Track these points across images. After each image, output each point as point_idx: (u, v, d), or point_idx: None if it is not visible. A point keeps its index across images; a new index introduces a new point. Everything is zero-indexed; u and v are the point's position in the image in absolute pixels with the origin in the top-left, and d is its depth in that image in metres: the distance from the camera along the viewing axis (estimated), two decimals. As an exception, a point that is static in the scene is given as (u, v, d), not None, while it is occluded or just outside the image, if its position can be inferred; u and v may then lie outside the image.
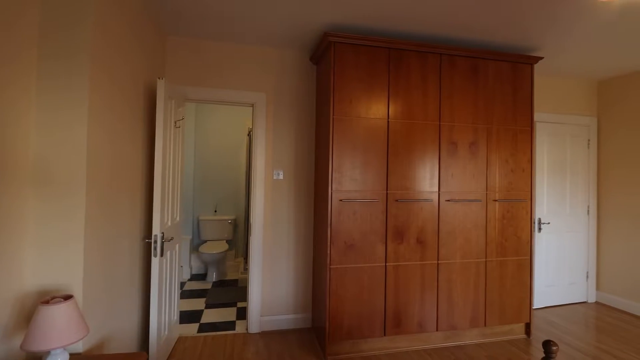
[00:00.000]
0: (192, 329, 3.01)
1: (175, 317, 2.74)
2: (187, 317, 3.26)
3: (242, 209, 4.91)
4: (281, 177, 3.05)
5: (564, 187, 3.80)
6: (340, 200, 2.55)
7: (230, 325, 3.09)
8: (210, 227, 4.68)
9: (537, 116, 3.72)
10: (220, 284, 4.25)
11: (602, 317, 3.45)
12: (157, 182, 2.21)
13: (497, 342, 2.87)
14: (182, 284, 4.22)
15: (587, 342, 2.90)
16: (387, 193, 2.65)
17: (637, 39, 2.77)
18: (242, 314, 3.34)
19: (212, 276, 4.34)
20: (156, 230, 2.20)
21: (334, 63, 2.57)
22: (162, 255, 2.25)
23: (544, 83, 3.80)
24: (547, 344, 1.33)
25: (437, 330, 2.72)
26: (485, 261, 2.84)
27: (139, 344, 2.37)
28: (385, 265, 2.63)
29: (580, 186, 3.87)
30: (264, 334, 2.92)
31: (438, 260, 2.74)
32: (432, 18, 2.48)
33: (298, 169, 3.10)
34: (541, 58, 2.99)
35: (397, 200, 2.66)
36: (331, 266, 2.53)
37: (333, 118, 2.57)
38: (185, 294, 3.88)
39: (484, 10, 2.37)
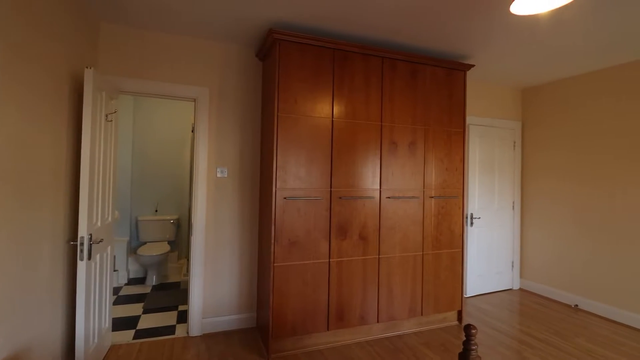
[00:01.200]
0: (127, 335, 2.83)
1: (107, 324, 2.56)
2: (122, 323, 3.06)
3: (187, 207, 4.72)
4: (225, 174, 2.98)
5: (493, 184, 4.15)
6: (285, 198, 2.55)
7: (169, 329, 2.96)
8: (151, 228, 4.44)
9: (470, 119, 4.02)
10: (160, 287, 4.04)
11: (524, 302, 3.82)
12: (83, 180, 2.04)
13: (433, 329, 3.06)
14: (118, 289, 3.94)
15: (511, 325, 3.19)
16: (331, 191, 2.70)
17: (549, 53, 3.10)
18: (183, 317, 3.21)
19: (152, 279, 4.12)
20: (83, 231, 2.04)
21: (279, 61, 2.57)
22: (89, 258, 2.09)
23: (477, 89, 4.12)
24: (468, 328, 1.45)
25: (377, 322, 2.84)
26: (422, 254, 3.02)
27: (64, 355, 2.18)
28: (329, 261, 2.68)
29: (507, 184, 4.25)
30: (206, 336, 2.83)
31: (379, 255, 2.85)
32: (370, 22, 2.57)
33: (243, 166, 3.05)
34: (472, 66, 3.23)
35: (340, 198, 2.73)
36: (275, 264, 2.52)
37: (278, 116, 2.56)
38: (121, 300, 3.63)
39: (409, 19, 2.50)
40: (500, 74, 3.80)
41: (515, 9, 1.68)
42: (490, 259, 4.10)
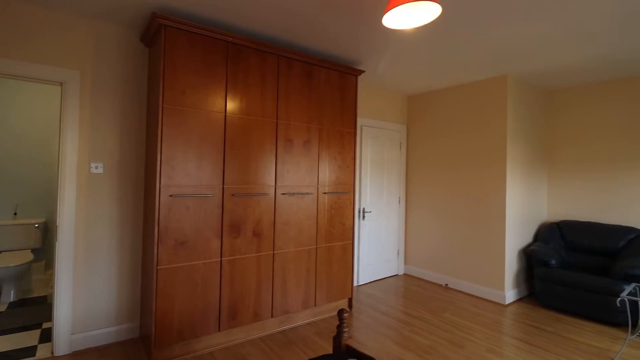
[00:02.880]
0: (-34, 366, 2.32)
1: None
2: (-40, 352, 2.49)
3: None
4: (101, 170, 2.65)
5: (382, 181, 4.56)
6: (171, 195, 2.39)
7: (29, 351, 2.52)
8: (7, 234, 3.71)
9: (363, 121, 4.33)
10: (21, 303, 3.41)
11: (407, 285, 4.29)
12: None
13: (325, 318, 3.23)
14: (-41, 311, 3.20)
15: (393, 307, 3.56)
16: (223, 187, 2.63)
17: (422, 67, 3.53)
18: (48, 335, 2.77)
19: (9, 295, 3.45)
20: None
21: (164, 48, 2.39)
22: None
23: (372, 94, 4.46)
24: (340, 313, 1.56)
25: (272, 317, 2.87)
26: (316, 248, 3.15)
27: None
28: (221, 260, 2.61)
29: (394, 181, 4.71)
30: (77, 354, 2.49)
31: (274, 250, 2.88)
32: (263, 19, 2.56)
33: (124, 161, 2.76)
34: (363, 71, 3.48)
35: (234, 195, 2.67)
36: (159, 267, 2.35)
37: (163, 107, 2.38)
38: (-39, 324, 2.96)
39: (299, 21, 2.57)
40: (390, 82, 4.18)
41: (386, 22, 1.86)
42: (379, 248, 4.50)
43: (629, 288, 2.81)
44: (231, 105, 2.68)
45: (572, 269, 3.68)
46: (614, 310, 3.15)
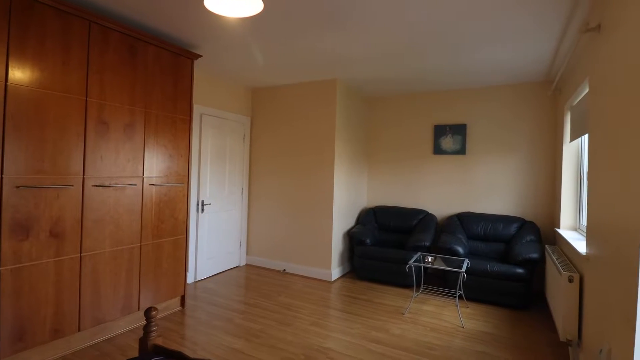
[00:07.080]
0: None
1: None
2: None
3: None
4: None
5: (224, 172, 4.47)
6: None
7: None
8: None
9: (204, 109, 4.13)
10: None
11: (248, 275, 4.36)
12: None
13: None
14: None
15: (230, 299, 3.56)
16: (2, 178, 2.06)
17: (263, 62, 3.62)
18: None
19: None
20: None
21: None
22: None
23: (214, 82, 4.28)
24: (148, 311, 1.45)
25: (79, 330, 2.44)
26: (140, 245, 2.84)
27: None
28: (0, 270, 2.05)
29: (237, 172, 4.69)
30: None
31: (81, 253, 2.45)
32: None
33: None
34: (200, 56, 3.30)
35: (18, 187, 2.13)
36: None
37: None
38: None
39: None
40: (233, 72, 4.08)
41: (209, 4, 1.81)
42: (221, 241, 4.42)
43: (415, 256, 3.59)
44: (16, 74, 2.12)
45: (382, 245, 4.47)
46: (406, 275, 3.98)
